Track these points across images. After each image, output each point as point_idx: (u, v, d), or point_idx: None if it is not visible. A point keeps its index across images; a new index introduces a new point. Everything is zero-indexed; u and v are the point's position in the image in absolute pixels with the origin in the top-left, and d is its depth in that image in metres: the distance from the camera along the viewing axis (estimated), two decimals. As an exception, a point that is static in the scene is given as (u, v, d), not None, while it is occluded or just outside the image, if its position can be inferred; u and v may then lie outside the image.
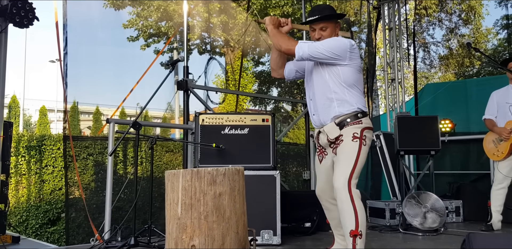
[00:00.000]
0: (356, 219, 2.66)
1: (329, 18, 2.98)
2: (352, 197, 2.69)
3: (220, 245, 1.62)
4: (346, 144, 2.84)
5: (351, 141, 2.83)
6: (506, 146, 4.37)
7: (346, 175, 2.75)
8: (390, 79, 7.61)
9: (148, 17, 14.16)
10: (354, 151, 2.81)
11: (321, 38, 2.98)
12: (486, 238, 2.17)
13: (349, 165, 2.77)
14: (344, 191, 2.70)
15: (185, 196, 1.64)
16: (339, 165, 2.81)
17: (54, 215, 6.36)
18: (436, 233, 4.43)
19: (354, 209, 2.68)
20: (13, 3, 3.26)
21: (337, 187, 2.74)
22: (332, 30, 2.99)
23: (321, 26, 2.97)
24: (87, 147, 5.74)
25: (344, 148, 2.84)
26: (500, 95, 4.60)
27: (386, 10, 7.73)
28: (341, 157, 2.83)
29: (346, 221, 2.70)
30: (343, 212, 2.72)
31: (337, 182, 2.75)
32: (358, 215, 2.67)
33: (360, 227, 2.67)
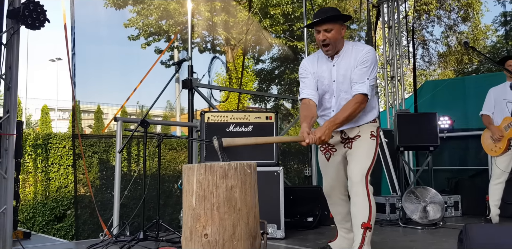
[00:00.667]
0: (370, 213, 2.77)
1: (332, 20, 2.91)
2: (368, 191, 2.80)
3: (231, 234, 1.74)
4: (364, 140, 2.93)
5: (369, 139, 2.94)
6: (503, 141, 4.48)
7: (364, 170, 2.84)
8: (390, 76, 7.71)
9: (149, 15, 14.24)
10: (371, 148, 2.91)
11: (326, 40, 2.89)
12: (482, 228, 2.28)
13: (367, 161, 2.87)
14: (362, 185, 2.80)
15: (199, 188, 1.76)
16: (357, 160, 2.89)
17: (60, 212, 6.47)
18: (435, 226, 4.55)
19: (369, 203, 2.78)
20: (26, 6, 3.35)
21: (355, 181, 2.82)
22: (337, 32, 2.91)
23: (325, 28, 2.90)
24: (92, 145, 5.85)
25: (362, 144, 2.92)
26: (498, 91, 4.71)
27: (385, 8, 7.83)
28: (358, 153, 2.91)
29: (360, 214, 2.78)
30: (357, 204, 2.80)
31: (355, 177, 2.83)
32: (372, 210, 2.78)
33: (372, 221, 2.78)
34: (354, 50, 2.94)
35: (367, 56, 2.88)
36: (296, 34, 14.98)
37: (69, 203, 6.47)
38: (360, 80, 2.84)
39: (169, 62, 16.43)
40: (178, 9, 13.87)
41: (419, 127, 5.20)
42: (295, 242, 3.86)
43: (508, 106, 4.50)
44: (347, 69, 2.91)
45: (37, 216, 6.39)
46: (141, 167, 5.57)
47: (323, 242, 3.59)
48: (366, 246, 2.76)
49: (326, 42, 2.90)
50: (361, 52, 2.90)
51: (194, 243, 1.74)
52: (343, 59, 2.96)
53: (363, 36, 16.89)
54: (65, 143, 6.59)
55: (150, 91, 6.80)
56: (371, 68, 2.87)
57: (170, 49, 15.36)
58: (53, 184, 6.53)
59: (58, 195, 6.50)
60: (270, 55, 17.53)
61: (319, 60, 3.05)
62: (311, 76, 3.01)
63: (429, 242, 3.84)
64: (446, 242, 3.74)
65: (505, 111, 4.53)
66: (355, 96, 2.82)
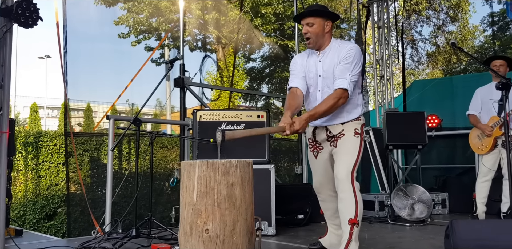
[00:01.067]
0: (356, 209, 2.83)
1: (314, 14, 3.00)
2: (354, 188, 2.87)
3: (231, 230, 1.79)
4: (348, 138, 2.99)
5: (353, 136, 2.99)
6: (489, 140, 4.59)
7: (349, 167, 2.90)
8: (379, 76, 7.80)
9: (139, 13, 14.20)
10: (356, 145, 2.98)
11: (307, 33, 3.00)
12: (468, 224, 2.36)
13: (352, 158, 2.93)
14: (347, 181, 2.87)
15: (200, 184, 1.81)
16: (342, 158, 2.95)
17: (51, 210, 6.46)
18: (423, 223, 4.65)
19: (355, 199, 2.85)
20: (19, 4, 3.36)
21: (341, 178, 2.89)
22: (319, 27, 3.00)
23: (307, 21, 3.01)
24: (82, 143, 5.84)
25: (347, 142, 2.98)
26: (484, 91, 4.82)
27: (375, 8, 7.91)
28: (343, 150, 2.97)
29: (346, 210, 2.85)
30: (344, 201, 2.87)
31: (341, 173, 2.90)
32: (358, 205, 2.85)
33: (359, 216, 2.85)
34: (339, 48, 3.03)
35: (350, 52, 2.96)
36: (287, 33, 15.04)
37: (59, 201, 6.46)
38: (341, 75, 2.93)
39: (160, 60, 16.40)
40: (169, 7, 13.85)
41: (407, 126, 5.30)
42: (286, 238, 3.92)
43: (495, 106, 4.60)
44: (330, 65, 3.01)
45: (28, 214, 6.37)
46: (133, 165, 5.58)
47: (313, 238, 3.65)
48: (353, 242, 2.83)
49: (307, 35, 3.03)
50: (344, 50, 2.98)
51: (195, 238, 1.78)
52: (329, 55, 3.05)
53: (353, 36, 17.01)
54: (56, 141, 6.57)
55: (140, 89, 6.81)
56: (353, 64, 2.94)
57: (160, 47, 15.33)
58: (43, 182, 6.52)
59: (49, 193, 6.49)
60: (261, 53, 17.58)
61: (309, 56, 3.17)
62: (300, 69, 3.12)
63: (417, 239, 3.92)
64: (433, 238, 3.82)
65: (492, 110, 4.63)
66: (335, 90, 2.90)
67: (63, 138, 6.67)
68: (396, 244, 3.65)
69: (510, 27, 17.30)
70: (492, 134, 4.56)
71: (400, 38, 8.60)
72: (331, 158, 3.11)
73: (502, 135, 4.51)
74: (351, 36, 17.53)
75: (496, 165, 4.63)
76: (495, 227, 2.39)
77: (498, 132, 4.53)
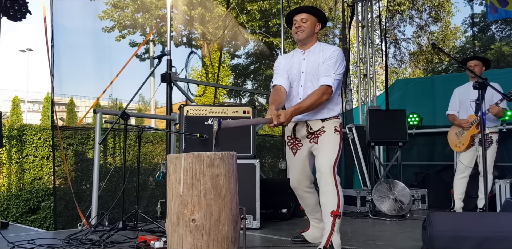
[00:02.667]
0: (338, 201, 2.94)
1: (309, 11, 3.18)
2: (336, 181, 2.98)
3: (217, 219, 1.87)
4: (329, 135, 3.09)
5: (333, 133, 3.10)
6: (466, 138, 4.74)
7: (331, 161, 3.01)
8: (363, 74, 7.94)
9: (125, 8, 14.11)
10: (336, 142, 3.09)
11: (300, 27, 3.14)
12: (444, 216, 2.48)
13: (333, 153, 3.04)
14: (330, 175, 2.97)
15: (186, 176, 1.88)
16: (324, 153, 3.05)
17: (34, 204, 6.44)
18: (403, 218, 4.79)
19: (337, 192, 2.96)
20: (7, -3, 3.38)
21: (324, 172, 2.99)
22: (312, 25, 3.17)
23: (301, 17, 3.16)
24: (67, 138, 5.84)
25: (328, 138, 3.08)
26: (462, 91, 4.98)
27: (359, 7, 8.03)
28: (325, 146, 3.07)
29: (329, 202, 2.96)
30: (326, 194, 2.97)
31: (324, 167, 3.00)
32: (340, 198, 2.96)
33: (341, 209, 2.96)
34: (323, 49, 3.18)
35: (334, 53, 3.11)
36: (272, 31, 15.12)
37: (43, 195, 6.44)
38: (326, 73, 3.05)
39: (144, 56, 16.34)
40: (155, 2, 13.80)
41: (389, 124, 5.43)
42: (270, 232, 4.01)
43: (472, 105, 4.75)
44: (315, 63, 3.14)
45: (11, 207, 6.34)
46: (118, 159, 5.61)
47: (296, 232, 3.75)
48: (335, 233, 2.94)
49: (300, 29, 3.16)
50: (329, 51, 3.13)
51: (182, 228, 1.86)
52: (313, 55, 3.18)
53: (338, 34, 17.18)
54: (40, 134, 6.55)
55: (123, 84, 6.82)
56: (337, 64, 3.08)
57: (145, 43, 15.27)
58: (27, 175, 6.49)
59: (33, 187, 6.47)
60: (246, 50, 17.65)
61: (293, 56, 3.30)
62: (283, 68, 3.25)
63: (396, 232, 4.06)
64: (411, 231, 3.96)
65: (470, 110, 4.79)
66: (320, 86, 3.02)
67: (47, 132, 6.64)
68: (376, 237, 3.77)
69: (490, 28, 17.66)
70: (470, 128, 4.72)
71: (383, 38, 8.76)
72: (310, 155, 3.21)
73: (478, 133, 4.68)
74: (335, 34, 17.70)
75: (473, 163, 4.78)
76: (468, 219, 2.52)
77: (475, 130, 4.69)
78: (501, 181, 4.83)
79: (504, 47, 17.08)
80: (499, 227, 2.47)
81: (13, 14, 3.43)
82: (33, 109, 33.41)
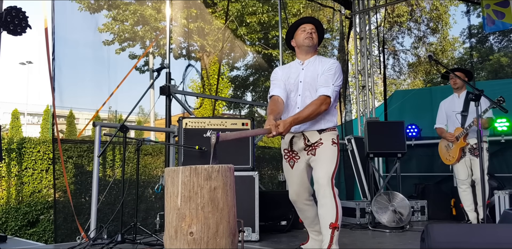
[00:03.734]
0: (337, 214, 2.94)
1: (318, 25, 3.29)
2: (335, 193, 2.97)
3: (214, 232, 1.87)
4: (327, 147, 3.10)
5: (331, 145, 3.11)
6: (455, 151, 4.78)
7: (329, 173, 3.01)
8: (361, 86, 7.97)
9: (124, 21, 14.23)
10: (334, 154, 3.09)
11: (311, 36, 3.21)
12: (442, 228, 2.48)
13: (331, 165, 3.04)
14: (328, 187, 2.97)
15: (184, 189, 1.89)
16: (322, 165, 3.05)
17: (33, 217, 6.42)
18: (402, 230, 4.77)
19: (336, 204, 2.95)
20: (8, 12, 3.42)
21: (322, 184, 2.99)
22: (317, 37, 3.27)
23: (312, 27, 3.25)
24: (66, 150, 5.85)
25: (326, 150, 3.09)
26: (447, 104, 5.03)
27: (357, 19, 8.11)
28: (322, 158, 3.08)
29: (327, 215, 2.95)
30: (325, 206, 2.96)
31: (322, 179, 3.00)
32: (338, 210, 2.95)
33: (339, 221, 2.95)
34: (322, 61, 3.24)
35: (333, 65, 3.16)
36: (271, 42, 15.23)
37: (42, 208, 6.43)
38: (325, 84, 3.09)
39: (144, 68, 16.43)
40: (154, 15, 13.93)
41: (387, 135, 5.45)
42: (269, 244, 4.00)
43: (458, 118, 4.79)
44: (313, 73, 3.18)
45: (10, 221, 6.32)
46: (117, 172, 5.61)
47: (296, 244, 3.74)
48: (334, 245, 2.93)
49: (311, 36, 3.23)
50: (327, 63, 3.19)
51: (180, 241, 1.86)
52: (312, 65, 3.23)
53: (336, 46, 17.29)
54: (39, 147, 6.56)
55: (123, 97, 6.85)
56: (336, 75, 3.12)
57: (145, 55, 15.37)
58: (26, 188, 6.49)
59: (32, 200, 6.46)
60: (245, 62, 17.74)
61: (290, 66, 3.35)
62: (280, 78, 3.28)
63: (396, 244, 4.04)
64: (411, 243, 3.94)
65: (456, 122, 4.82)
66: (319, 96, 3.05)
67: (46, 144, 6.66)
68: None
69: (488, 40, 17.80)
70: (454, 139, 4.74)
71: (382, 49, 8.82)
72: (308, 167, 3.21)
73: (466, 146, 4.72)
74: (334, 46, 17.82)
75: (468, 172, 4.79)
76: (466, 230, 2.52)
77: (462, 143, 4.73)
78: (500, 192, 4.82)
79: (502, 58, 17.20)
80: (498, 238, 2.46)
81: (13, 28, 3.46)
82: (32, 121, 33.44)
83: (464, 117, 4.76)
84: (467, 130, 4.67)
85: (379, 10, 9.98)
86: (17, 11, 3.50)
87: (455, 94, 5.00)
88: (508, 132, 5.98)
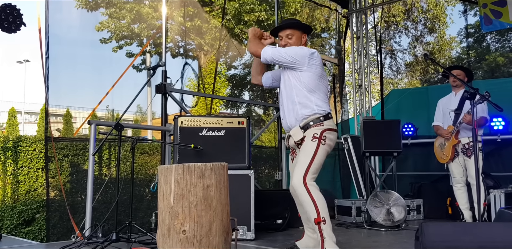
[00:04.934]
0: (316, 208, 2.93)
1: (293, 26, 3.27)
2: (308, 189, 2.96)
3: (208, 230, 1.86)
4: (306, 144, 3.12)
5: (311, 141, 3.10)
6: (448, 149, 4.78)
7: (302, 171, 3.01)
8: (358, 85, 7.97)
9: (121, 19, 14.19)
10: (311, 149, 3.07)
11: (287, 45, 3.26)
12: (436, 226, 2.48)
13: (305, 162, 3.04)
14: (300, 186, 2.98)
15: (177, 187, 1.88)
16: (297, 164, 3.09)
17: (29, 216, 6.40)
18: (398, 228, 4.77)
19: (312, 199, 2.94)
20: (2, 9, 3.40)
21: (293, 184, 3.02)
22: (298, 39, 3.27)
23: (287, 33, 3.26)
24: (62, 149, 5.83)
25: (304, 147, 3.12)
26: (444, 102, 5.04)
27: (354, 18, 8.10)
28: (299, 156, 3.12)
29: (309, 212, 2.96)
30: (304, 204, 2.98)
31: (293, 179, 3.04)
32: (317, 204, 2.93)
33: (322, 214, 2.92)
34: None
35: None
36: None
37: (38, 207, 6.41)
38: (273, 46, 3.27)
39: (141, 66, 16.39)
40: (151, 13, 13.89)
41: (383, 134, 5.45)
42: (264, 243, 3.99)
43: (451, 115, 4.80)
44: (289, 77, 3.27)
45: (5, 219, 6.30)
46: (113, 170, 5.60)
47: (291, 243, 3.73)
48: (327, 238, 2.90)
49: (287, 46, 3.26)
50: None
51: (172, 239, 1.85)
52: None
53: (334, 45, 17.30)
54: (35, 146, 6.54)
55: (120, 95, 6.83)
56: (289, 49, 3.21)
57: (142, 53, 15.33)
58: (22, 187, 6.47)
59: (27, 199, 6.44)
60: (243, 61, 17.73)
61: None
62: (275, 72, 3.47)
63: (391, 243, 4.04)
64: (406, 242, 3.94)
65: (449, 120, 4.83)
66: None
67: (43, 143, 6.63)
68: (371, 248, 3.76)
69: (485, 39, 17.82)
70: (450, 137, 4.75)
71: (379, 48, 8.82)
72: None
73: (458, 143, 4.71)
74: (331, 45, 17.83)
75: (463, 171, 4.79)
76: (461, 229, 2.52)
77: (454, 140, 4.73)
78: (496, 191, 4.83)
79: (499, 57, 17.23)
80: (492, 237, 2.46)
81: (8, 26, 3.43)
82: (29, 120, 33.34)
83: (457, 115, 4.77)
84: (457, 127, 4.68)
85: (376, 10, 9.98)
86: (11, 9, 3.48)
87: (453, 92, 5.00)
88: (504, 131, 5.99)
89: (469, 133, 4.65)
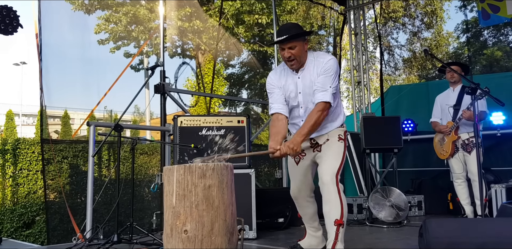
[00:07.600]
0: (342, 210, 2.90)
1: (297, 37, 2.98)
2: (339, 189, 2.93)
3: (209, 230, 1.85)
4: (333, 143, 3.07)
5: (337, 141, 3.08)
6: (448, 145, 4.77)
7: (334, 170, 2.97)
8: (357, 81, 7.95)
9: (118, 21, 14.15)
10: (340, 150, 3.06)
11: (291, 56, 2.99)
12: (439, 223, 2.47)
13: (336, 161, 3.00)
14: (332, 183, 2.93)
15: (178, 188, 1.87)
16: (327, 161, 3.02)
17: (29, 219, 6.39)
18: (400, 225, 4.76)
19: (340, 200, 2.91)
20: (-2, 11, 3.38)
21: (325, 180, 2.95)
22: (300, 48, 3.01)
23: (289, 45, 2.98)
24: (61, 150, 5.81)
25: (332, 146, 3.06)
26: (442, 98, 5.02)
27: (352, 15, 8.09)
28: (328, 154, 3.05)
29: (332, 211, 2.91)
30: (329, 202, 2.93)
31: (326, 176, 2.96)
32: (343, 207, 2.91)
33: (344, 217, 2.91)
34: (316, 61, 3.05)
35: (328, 64, 2.99)
36: (266, 40, 15.20)
37: (38, 209, 6.39)
38: (322, 88, 2.96)
39: (139, 67, 16.37)
40: (148, 15, 13.86)
41: (383, 130, 5.43)
42: (266, 242, 3.98)
43: (450, 111, 4.78)
44: (311, 80, 3.03)
45: (5, 222, 6.29)
46: (113, 171, 5.58)
47: (293, 241, 3.72)
48: (339, 242, 2.90)
49: (291, 58, 3.01)
50: (322, 63, 3.01)
51: (175, 239, 1.84)
52: (308, 71, 3.07)
53: (331, 42, 17.27)
54: (34, 148, 6.53)
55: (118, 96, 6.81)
56: (332, 76, 2.98)
57: (139, 54, 15.31)
58: (21, 190, 6.45)
59: (27, 201, 6.42)
60: (240, 60, 17.71)
61: (285, 74, 3.16)
62: (278, 91, 3.13)
63: (393, 239, 4.03)
64: (409, 239, 3.93)
65: (448, 116, 4.82)
66: (317, 104, 2.93)
67: (41, 145, 6.61)
68: (373, 245, 3.75)
69: (483, 34, 17.82)
70: (450, 133, 4.74)
71: (378, 44, 8.81)
72: (313, 164, 3.18)
73: (458, 139, 4.70)
74: (329, 42, 17.80)
75: (463, 167, 4.77)
76: (464, 225, 2.51)
77: (454, 136, 4.72)
78: (497, 186, 4.82)
79: (497, 52, 17.23)
80: (496, 232, 2.45)
81: (4, 28, 3.41)
82: (27, 122, 33.27)
83: (456, 111, 4.75)
84: (457, 123, 4.67)
85: (374, 6, 9.96)
86: (8, 10, 3.45)
87: (451, 88, 4.99)
88: (504, 126, 5.98)
89: (468, 128, 4.64)
